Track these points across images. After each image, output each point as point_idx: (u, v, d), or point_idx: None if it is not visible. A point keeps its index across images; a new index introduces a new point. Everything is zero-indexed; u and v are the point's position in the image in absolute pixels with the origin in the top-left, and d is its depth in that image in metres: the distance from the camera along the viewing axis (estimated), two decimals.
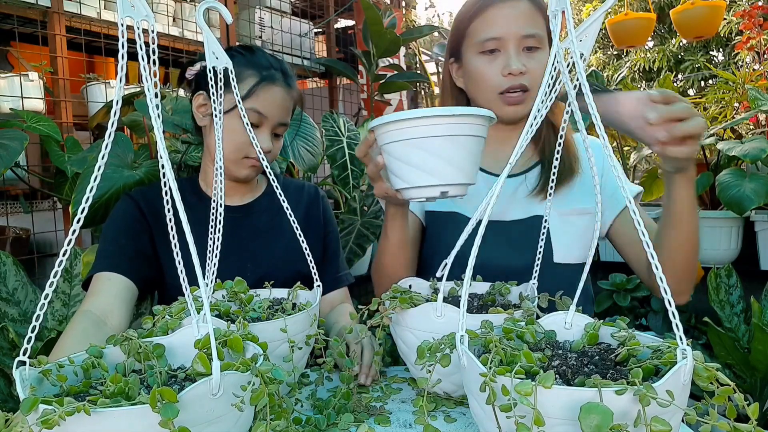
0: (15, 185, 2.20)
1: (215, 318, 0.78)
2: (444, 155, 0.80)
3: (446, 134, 0.79)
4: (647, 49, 7.65)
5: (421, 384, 0.76)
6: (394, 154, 0.84)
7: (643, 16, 2.82)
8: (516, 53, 1.07)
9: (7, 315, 1.33)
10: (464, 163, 0.81)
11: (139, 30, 0.58)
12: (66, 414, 0.49)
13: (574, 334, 0.75)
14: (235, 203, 1.24)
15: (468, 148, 0.81)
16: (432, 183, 0.82)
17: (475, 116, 0.80)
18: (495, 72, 1.08)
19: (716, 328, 1.63)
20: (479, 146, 0.83)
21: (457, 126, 0.79)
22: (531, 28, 1.07)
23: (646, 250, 0.56)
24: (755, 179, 1.96)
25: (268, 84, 1.14)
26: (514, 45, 1.07)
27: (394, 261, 1.10)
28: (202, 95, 1.18)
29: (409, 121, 0.80)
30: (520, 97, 1.09)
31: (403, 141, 0.81)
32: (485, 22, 1.09)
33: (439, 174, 0.81)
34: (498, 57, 1.09)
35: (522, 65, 1.06)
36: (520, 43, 1.07)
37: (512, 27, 1.07)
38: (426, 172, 0.81)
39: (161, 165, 0.60)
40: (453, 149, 0.80)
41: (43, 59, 2.08)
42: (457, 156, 0.81)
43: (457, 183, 0.82)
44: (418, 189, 0.84)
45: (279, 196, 0.94)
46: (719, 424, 0.52)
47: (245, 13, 3.03)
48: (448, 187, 0.82)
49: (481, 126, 0.82)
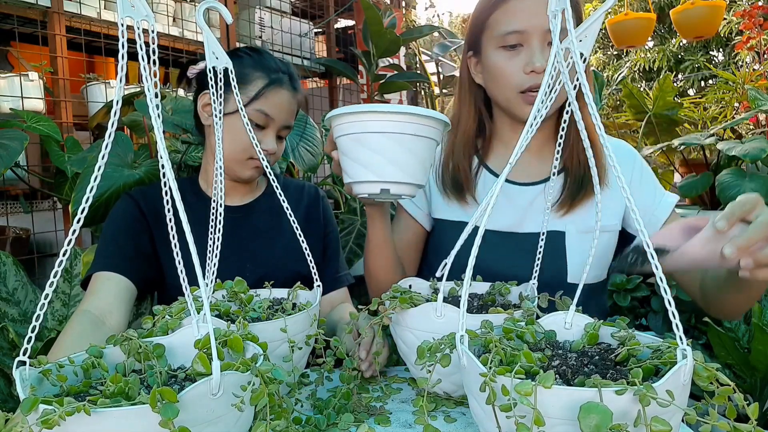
0: (15, 185, 2.20)
1: (215, 318, 0.78)
2: (384, 153, 0.79)
3: (385, 131, 0.78)
4: (647, 49, 7.65)
5: (421, 384, 0.76)
6: (341, 148, 0.85)
7: (643, 16, 2.83)
8: (540, 49, 0.97)
9: (7, 315, 1.33)
10: (407, 162, 0.80)
11: (139, 30, 0.58)
12: (66, 414, 0.49)
13: (574, 334, 0.75)
14: (235, 203, 1.25)
15: (410, 147, 0.80)
16: (371, 179, 0.81)
17: (418, 116, 0.78)
18: (516, 69, 0.99)
19: (716, 328, 1.63)
20: (426, 147, 0.81)
21: (397, 124, 0.78)
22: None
23: (647, 250, 0.56)
24: (755, 179, 1.96)
25: (276, 87, 1.15)
26: (539, 40, 0.97)
27: (375, 262, 1.08)
28: (208, 94, 1.18)
29: (351, 116, 0.80)
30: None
31: (348, 135, 0.82)
32: (507, 14, 0.99)
33: (378, 171, 0.81)
34: (520, 52, 0.99)
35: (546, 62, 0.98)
36: (545, 38, 0.97)
37: (536, 20, 0.96)
38: (366, 168, 0.81)
39: (161, 165, 0.60)
40: (393, 147, 0.79)
41: (43, 59, 2.08)
42: (398, 155, 0.79)
43: (399, 182, 0.81)
44: (358, 184, 0.84)
45: (279, 196, 0.94)
46: (719, 424, 0.52)
47: (245, 13, 3.03)
48: (388, 185, 0.81)
49: (427, 127, 0.80)
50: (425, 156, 0.82)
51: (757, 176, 1.98)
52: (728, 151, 1.94)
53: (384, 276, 1.10)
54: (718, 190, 2.00)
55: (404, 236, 1.21)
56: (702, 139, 2.15)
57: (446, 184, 1.14)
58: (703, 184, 2.16)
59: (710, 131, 2.25)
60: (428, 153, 0.83)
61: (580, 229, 1.05)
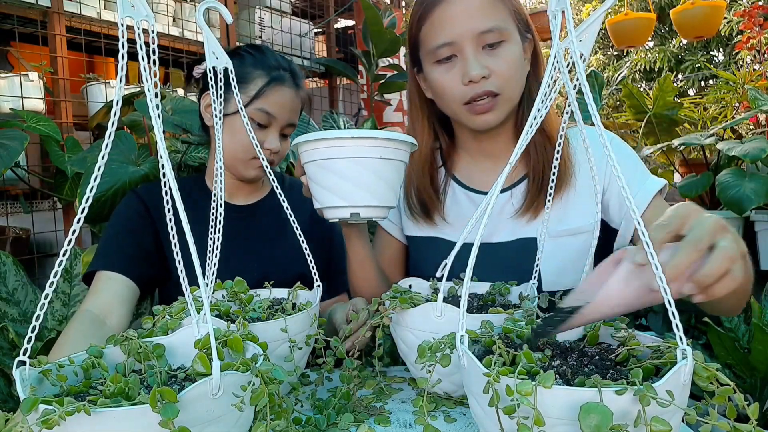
0: (15, 185, 2.20)
1: (215, 318, 0.78)
2: (350, 178, 0.80)
3: (350, 156, 0.78)
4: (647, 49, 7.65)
5: (421, 384, 0.76)
6: (309, 174, 0.85)
7: (643, 16, 2.83)
8: (474, 55, 0.91)
9: (7, 315, 1.33)
10: (375, 186, 0.80)
11: (139, 30, 0.58)
12: (66, 414, 0.49)
13: (574, 334, 0.75)
14: (240, 203, 1.24)
15: (377, 171, 0.80)
16: (339, 204, 0.82)
17: (382, 139, 0.78)
18: (455, 81, 0.94)
19: (716, 328, 1.63)
20: (393, 169, 0.81)
21: (361, 149, 0.78)
22: (488, 21, 0.90)
23: (647, 250, 0.56)
24: (755, 179, 1.96)
25: (277, 85, 1.14)
26: (471, 46, 0.91)
27: (358, 279, 1.07)
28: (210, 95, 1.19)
29: (315, 143, 0.80)
30: (488, 104, 0.94)
31: (314, 162, 0.82)
32: (433, 28, 0.94)
33: (346, 196, 0.81)
34: (456, 64, 0.94)
35: (483, 68, 0.91)
36: (478, 42, 0.91)
37: (464, 26, 0.91)
38: (333, 194, 0.82)
39: (161, 165, 0.60)
40: (360, 172, 0.79)
41: (43, 59, 2.09)
42: (365, 179, 0.80)
43: (368, 205, 0.81)
44: (328, 209, 0.84)
45: (279, 196, 0.94)
46: (719, 424, 0.52)
47: (245, 13, 3.03)
48: (357, 209, 0.81)
49: (392, 149, 0.80)
50: (393, 177, 0.82)
51: (757, 176, 1.98)
52: (728, 151, 1.95)
53: (368, 291, 1.08)
54: (718, 190, 2.00)
55: (385, 252, 1.20)
56: (702, 139, 2.15)
57: (413, 209, 1.10)
58: (703, 184, 2.16)
59: (710, 131, 2.26)
60: (396, 174, 0.83)
61: (551, 233, 1.00)
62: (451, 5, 0.92)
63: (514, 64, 0.93)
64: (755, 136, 2.08)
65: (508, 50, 0.93)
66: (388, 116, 3.69)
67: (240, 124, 1.10)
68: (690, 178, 2.23)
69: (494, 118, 0.96)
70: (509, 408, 0.53)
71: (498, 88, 0.93)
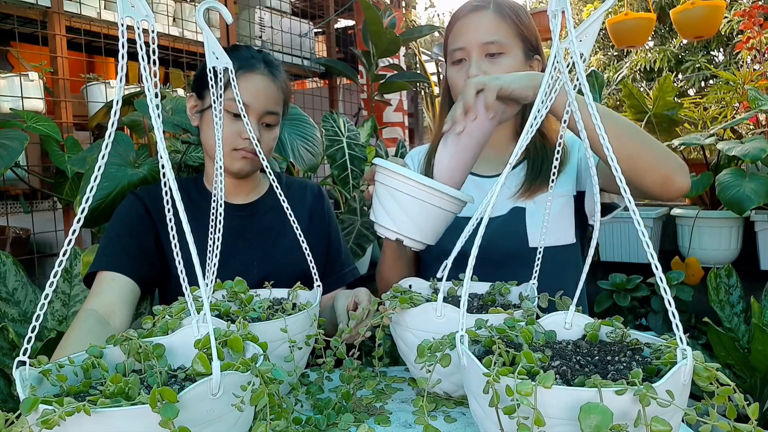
0: (15, 185, 2.20)
1: (215, 318, 0.78)
2: (408, 212, 0.90)
3: (416, 197, 0.88)
4: (648, 49, 7.65)
5: (421, 384, 0.76)
6: (377, 190, 0.95)
7: (643, 16, 2.82)
8: (477, 60, 1.12)
9: (7, 315, 1.33)
10: (425, 226, 0.91)
11: (139, 30, 0.58)
12: (66, 414, 0.49)
13: (574, 334, 0.75)
14: (240, 201, 1.24)
15: (431, 214, 0.90)
16: (391, 228, 0.92)
17: (445, 193, 0.88)
18: (461, 80, 1.14)
19: (716, 328, 1.63)
20: (443, 218, 0.92)
21: (426, 194, 0.88)
22: (492, 35, 1.12)
23: (646, 250, 0.56)
24: (755, 179, 1.96)
25: (246, 72, 1.14)
26: (477, 52, 1.13)
27: (390, 273, 1.20)
28: (193, 96, 1.21)
29: (393, 173, 0.90)
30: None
31: (384, 185, 0.92)
32: (454, 35, 1.17)
33: (398, 224, 0.91)
34: (464, 66, 1.15)
35: (480, 70, 1.11)
36: (482, 50, 1.12)
37: (473, 36, 1.13)
38: (390, 217, 0.92)
39: (161, 165, 0.60)
40: (418, 211, 0.89)
41: (43, 59, 2.09)
42: (419, 218, 0.90)
43: (412, 238, 0.92)
44: (380, 226, 0.94)
45: (279, 195, 0.94)
46: (719, 424, 0.52)
47: (245, 13, 3.03)
48: (403, 237, 0.92)
49: (450, 203, 0.90)
50: (440, 223, 0.93)
51: (757, 176, 1.98)
52: (728, 151, 1.94)
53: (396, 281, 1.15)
54: (718, 190, 2.00)
55: None
56: (702, 139, 2.15)
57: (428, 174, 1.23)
58: (703, 184, 2.16)
59: (710, 131, 2.26)
60: (444, 222, 0.93)
61: (538, 204, 1.16)
62: (468, 20, 1.16)
63: (509, 72, 1.10)
64: (755, 136, 2.08)
65: (506, 60, 1.13)
66: (388, 116, 3.69)
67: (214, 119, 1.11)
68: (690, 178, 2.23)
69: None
70: (509, 408, 0.53)
71: None
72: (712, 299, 1.87)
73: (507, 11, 1.15)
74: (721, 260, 2.19)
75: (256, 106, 1.14)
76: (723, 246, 2.23)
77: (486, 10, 1.14)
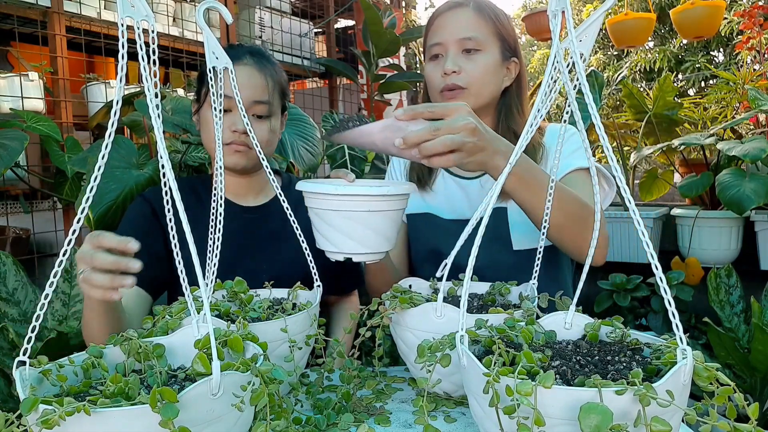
0: (15, 185, 2.20)
1: (215, 318, 0.78)
2: (341, 229, 0.85)
3: (339, 209, 0.84)
4: (648, 49, 7.65)
5: (421, 384, 0.76)
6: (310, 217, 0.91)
7: (643, 16, 2.82)
8: (454, 55, 1.13)
9: (7, 315, 1.33)
10: (363, 236, 0.85)
11: (139, 30, 0.58)
12: (66, 414, 0.49)
13: (574, 334, 0.75)
14: (249, 203, 1.24)
15: (365, 222, 0.84)
16: (333, 250, 0.89)
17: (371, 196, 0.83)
18: (437, 74, 1.15)
19: (716, 328, 1.63)
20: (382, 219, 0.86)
21: (351, 203, 0.84)
22: (470, 31, 1.13)
23: (646, 250, 0.56)
24: (755, 179, 1.96)
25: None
26: (453, 48, 1.14)
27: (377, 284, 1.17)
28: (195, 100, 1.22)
29: (308, 193, 0.86)
30: (455, 93, 1.14)
31: (310, 209, 0.89)
32: (433, 31, 1.18)
33: (337, 244, 0.87)
34: (440, 61, 1.16)
35: (456, 66, 1.12)
36: (459, 46, 1.14)
37: (451, 31, 1.14)
38: (327, 240, 0.88)
39: (161, 165, 0.60)
40: (350, 225, 0.85)
41: (43, 59, 2.09)
42: (355, 231, 0.85)
43: (358, 253, 0.87)
44: (326, 251, 0.91)
45: (279, 195, 0.94)
46: (719, 424, 0.52)
47: (245, 13, 3.03)
48: (350, 254, 0.87)
49: (383, 202, 0.85)
50: (384, 226, 0.87)
51: (757, 176, 1.98)
52: (728, 151, 1.94)
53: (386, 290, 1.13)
54: (718, 190, 2.00)
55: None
56: (702, 139, 2.15)
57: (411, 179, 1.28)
58: (703, 184, 2.15)
59: (710, 131, 2.25)
60: (388, 222, 0.87)
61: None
62: (447, 16, 1.17)
63: (485, 69, 1.14)
64: (755, 136, 2.08)
65: (482, 58, 1.14)
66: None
67: (207, 116, 1.12)
68: (690, 178, 2.23)
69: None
70: (509, 408, 0.53)
71: (465, 83, 1.13)
72: (712, 299, 1.87)
73: (486, 10, 1.16)
74: (721, 260, 2.18)
75: (243, 98, 1.13)
76: (723, 246, 2.23)
77: (466, 8, 1.16)
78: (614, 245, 2.45)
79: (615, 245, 2.45)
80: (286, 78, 1.25)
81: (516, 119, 1.18)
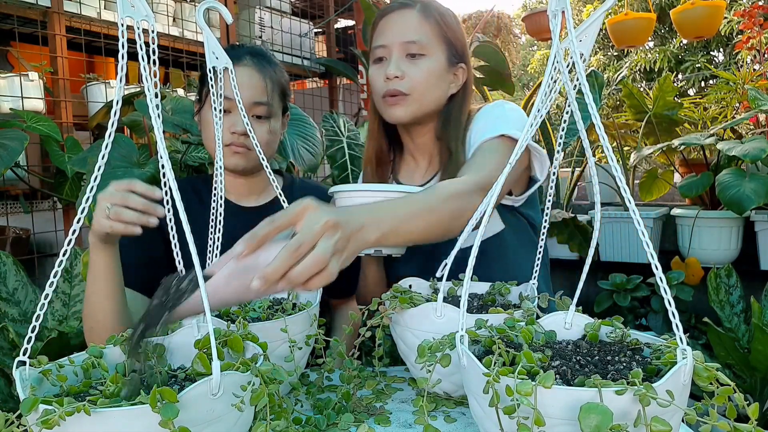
0: (15, 185, 2.20)
1: (215, 318, 0.78)
2: None
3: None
4: (648, 49, 7.65)
5: (421, 384, 0.76)
6: None
7: (643, 16, 2.82)
8: (397, 59, 1.09)
9: (7, 315, 1.33)
10: None
11: (139, 30, 0.58)
12: (66, 414, 0.49)
13: (574, 334, 0.75)
14: (251, 204, 1.24)
15: None
16: None
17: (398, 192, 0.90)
18: (380, 78, 1.11)
19: (716, 328, 1.63)
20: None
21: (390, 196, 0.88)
22: (414, 35, 1.09)
23: (646, 250, 0.56)
24: (755, 179, 1.96)
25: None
26: (397, 51, 1.10)
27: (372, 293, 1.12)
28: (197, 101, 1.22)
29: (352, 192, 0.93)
30: (398, 99, 1.10)
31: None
32: (377, 32, 1.14)
33: None
34: (384, 64, 1.12)
35: (399, 70, 1.08)
36: (403, 50, 1.10)
37: (396, 34, 1.10)
38: None
39: (161, 165, 0.60)
40: None
41: (43, 59, 2.09)
42: None
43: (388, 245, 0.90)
44: None
45: (279, 196, 0.94)
46: (719, 424, 0.52)
47: (245, 13, 3.03)
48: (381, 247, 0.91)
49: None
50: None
51: (757, 176, 1.98)
52: (728, 151, 1.94)
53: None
54: (718, 190, 2.00)
55: None
56: (702, 139, 2.15)
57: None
58: (703, 184, 2.15)
59: (710, 131, 2.25)
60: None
61: None
62: (392, 18, 1.12)
63: (428, 75, 1.10)
64: (755, 136, 2.08)
65: (427, 63, 1.10)
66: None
67: (207, 117, 1.12)
68: (690, 178, 2.23)
69: (402, 113, 1.11)
70: (509, 408, 0.53)
71: (408, 89, 1.09)
72: (712, 299, 1.87)
73: (433, 12, 1.11)
74: (721, 260, 2.19)
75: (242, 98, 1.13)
76: (723, 246, 2.23)
77: (411, 10, 1.11)
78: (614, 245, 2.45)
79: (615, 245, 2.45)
80: (287, 78, 1.24)
81: (450, 133, 1.13)
